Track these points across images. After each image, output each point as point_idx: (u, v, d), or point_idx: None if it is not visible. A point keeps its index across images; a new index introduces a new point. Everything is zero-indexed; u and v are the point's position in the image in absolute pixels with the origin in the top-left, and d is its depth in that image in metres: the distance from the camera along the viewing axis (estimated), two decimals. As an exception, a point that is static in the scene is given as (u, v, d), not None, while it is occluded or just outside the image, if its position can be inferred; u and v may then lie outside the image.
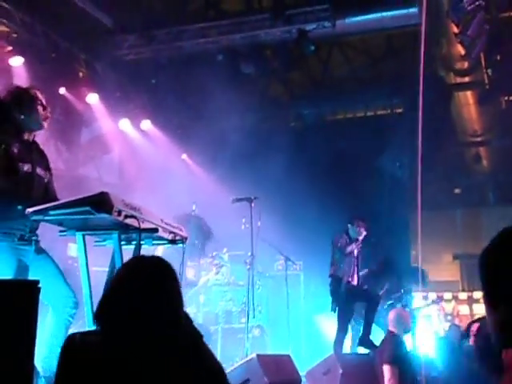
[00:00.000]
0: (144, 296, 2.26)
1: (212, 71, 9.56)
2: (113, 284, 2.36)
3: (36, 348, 2.26)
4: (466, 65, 9.59)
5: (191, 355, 2.29)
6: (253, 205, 6.71)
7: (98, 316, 2.29)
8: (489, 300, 1.65)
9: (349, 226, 7.90)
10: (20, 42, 8.07)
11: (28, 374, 2.05)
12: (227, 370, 4.94)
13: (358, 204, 10.72)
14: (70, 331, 3.77)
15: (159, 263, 2.42)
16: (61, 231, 3.84)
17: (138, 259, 2.65)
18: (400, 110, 11.78)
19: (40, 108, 4.16)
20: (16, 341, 2.12)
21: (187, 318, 2.40)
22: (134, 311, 2.22)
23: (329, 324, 8.08)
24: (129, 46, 9.67)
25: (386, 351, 6.24)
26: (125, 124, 10.06)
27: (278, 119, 12.43)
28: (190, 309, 7.30)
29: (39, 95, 4.19)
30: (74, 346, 2.21)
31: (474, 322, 5.70)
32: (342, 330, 7.63)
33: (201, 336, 2.41)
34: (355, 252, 7.85)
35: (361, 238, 7.81)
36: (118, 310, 2.25)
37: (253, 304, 6.54)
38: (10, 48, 7.94)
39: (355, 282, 7.81)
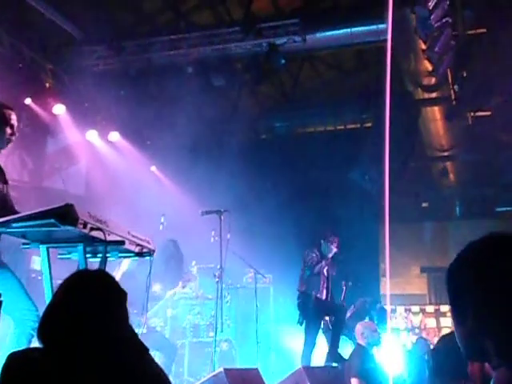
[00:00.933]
0: (85, 311, 2.20)
1: (182, 83, 9.53)
2: (53, 300, 2.29)
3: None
4: (433, 80, 9.74)
5: (136, 369, 2.23)
6: (222, 217, 6.69)
7: (39, 332, 2.23)
8: (456, 313, 1.65)
9: (322, 241, 7.86)
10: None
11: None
12: (194, 385, 4.89)
13: (327, 217, 10.77)
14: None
15: (101, 276, 2.37)
16: (24, 243, 3.75)
17: (79, 273, 2.59)
18: (369, 125, 11.90)
19: (8, 129, 4.09)
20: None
21: (132, 332, 2.34)
22: (74, 327, 2.16)
23: (298, 338, 8.06)
24: (97, 56, 9.58)
25: (354, 364, 6.25)
26: (92, 135, 9.94)
27: (248, 132, 12.45)
28: (157, 322, 7.21)
29: (11, 116, 4.13)
30: (14, 363, 2.14)
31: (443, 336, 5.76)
32: (309, 344, 7.62)
33: (146, 349, 2.35)
34: (325, 270, 7.82)
35: (330, 255, 7.80)
36: (58, 327, 2.20)
37: (221, 317, 6.49)
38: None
39: (324, 297, 7.81)
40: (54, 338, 2.18)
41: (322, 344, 8.00)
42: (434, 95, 10.45)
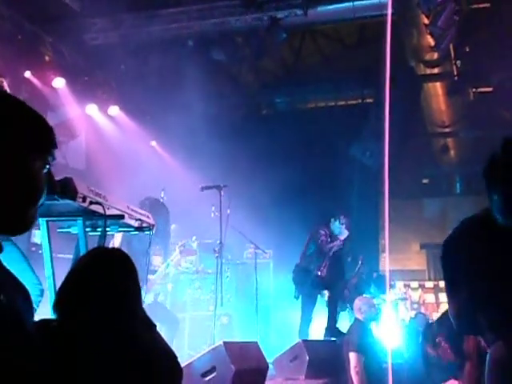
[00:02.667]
0: (99, 286, 2.27)
1: (182, 57, 9.45)
2: (70, 275, 2.34)
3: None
4: (435, 56, 9.66)
5: (146, 343, 2.30)
6: (222, 192, 6.68)
7: (55, 306, 2.28)
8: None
9: (332, 220, 7.81)
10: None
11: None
12: (194, 358, 4.93)
13: (328, 192, 10.77)
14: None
15: (116, 254, 2.45)
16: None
17: (96, 250, 2.66)
18: (370, 100, 11.83)
19: None
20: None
21: (142, 308, 2.43)
22: (89, 301, 2.24)
23: (297, 312, 8.13)
24: (97, 29, 9.47)
25: (352, 339, 6.30)
26: (92, 109, 9.88)
27: (249, 107, 12.40)
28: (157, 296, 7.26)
29: (3, 84, 4.10)
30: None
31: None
32: (305, 319, 7.68)
33: (154, 325, 2.43)
34: (331, 251, 7.80)
35: (342, 237, 7.77)
36: (73, 301, 2.26)
37: (221, 292, 6.53)
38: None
39: (323, 275, 7.83)
40: (70, 312, 2.24)
41: (321, 319, 8.07)
42: (436, 71, 10.37)
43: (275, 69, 12.14)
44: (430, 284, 13.15)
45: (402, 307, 10.62)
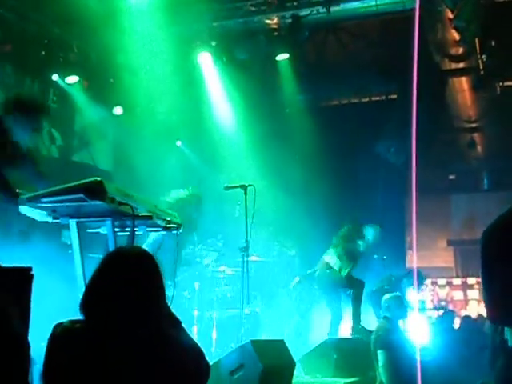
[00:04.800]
0: (125, 286, 2.30)
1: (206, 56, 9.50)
2: (95, 274, 2.38)
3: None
4: (460, 50, 9.56)
5: (174, 341, 2.33)
6: (247, 192, 6.69)
7: (82, 305, 2.32)
8: (486, 277, 1.65)
9: (364, 225, 8.06)
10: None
11: (23, 359, 2.06)
12: (222, 356, 4.97)
13: (353, 190, 10.73)
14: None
15: (141, 254, 2.46)
16: (54, 218, 3.83)
17: (119, 250, 2.69)
18: (394, 96, 11.74)
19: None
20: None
21: (168, 306, 2.45)
22: (115, 301, 2.27)
23: (323, 310, 8.13)
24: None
25: (380, 336, 6.28)
26: (119, 111, 9.97)
27: (272, 105, 12.39)
28: (185, 294, 7.32)
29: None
30: (60, 334, 2.24)
31: None
32: (335, 316, 7.71)
33: (180, 322, 2.46)
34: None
35: (372, 241, 8.03)
36: (100, 300, 2.30)
37: (247, 290, 6.55)
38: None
39: (345, 274, 7.87)
40: (96, 311, 2.28)
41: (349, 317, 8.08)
42: (461, 65, 10.26)
43: (298, 67, 12.11)
44: (457, 281, 13.02)
45: (429, 305, 10.53)
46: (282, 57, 10.29)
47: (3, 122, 4.33)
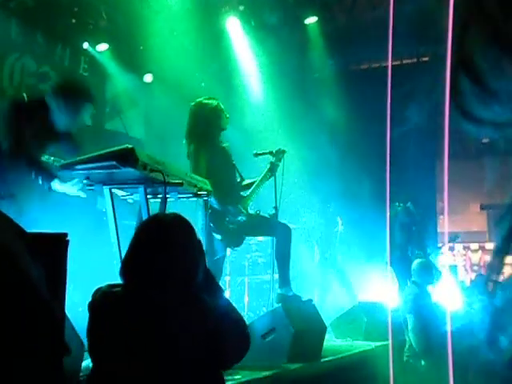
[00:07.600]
0: (163, 251, 2.33)
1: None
2: (133, 240, 2.42)
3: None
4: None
5: (214, 307, 2.35)
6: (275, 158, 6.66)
7: (122, 270, 2.37)
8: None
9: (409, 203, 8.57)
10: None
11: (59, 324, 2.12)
12: (254, 319, 5.05)
13: (383, 155, 10.60)
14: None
15: (178, 219, 2.47)
16: (88, 185, 3.90)
17: (156, 216, 2.72)
18: (426, 59, 11.49)
19: None
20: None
21: (206, 273, 2.46)
22: (154, 266, 2.30)
23: (358, 276, 8.18)
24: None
25: (410, 301, 6.30)
26: (150, 78, 9.97)
27: (301, 69, 12.24)
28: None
29: None
30: (100, 298, 2.30)
31: None
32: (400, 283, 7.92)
33: (221, 289, 2.51)
34: None
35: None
36: (139, 265, 2.33)
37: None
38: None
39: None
40: (135, 276, 2.32)
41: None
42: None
43: (327, 30, 11.90)
44: (490, 246, 12.89)
45: (461, 270, 10.47)
46: (311, 20, 10.13)
47: (47, 103, 4.44)
